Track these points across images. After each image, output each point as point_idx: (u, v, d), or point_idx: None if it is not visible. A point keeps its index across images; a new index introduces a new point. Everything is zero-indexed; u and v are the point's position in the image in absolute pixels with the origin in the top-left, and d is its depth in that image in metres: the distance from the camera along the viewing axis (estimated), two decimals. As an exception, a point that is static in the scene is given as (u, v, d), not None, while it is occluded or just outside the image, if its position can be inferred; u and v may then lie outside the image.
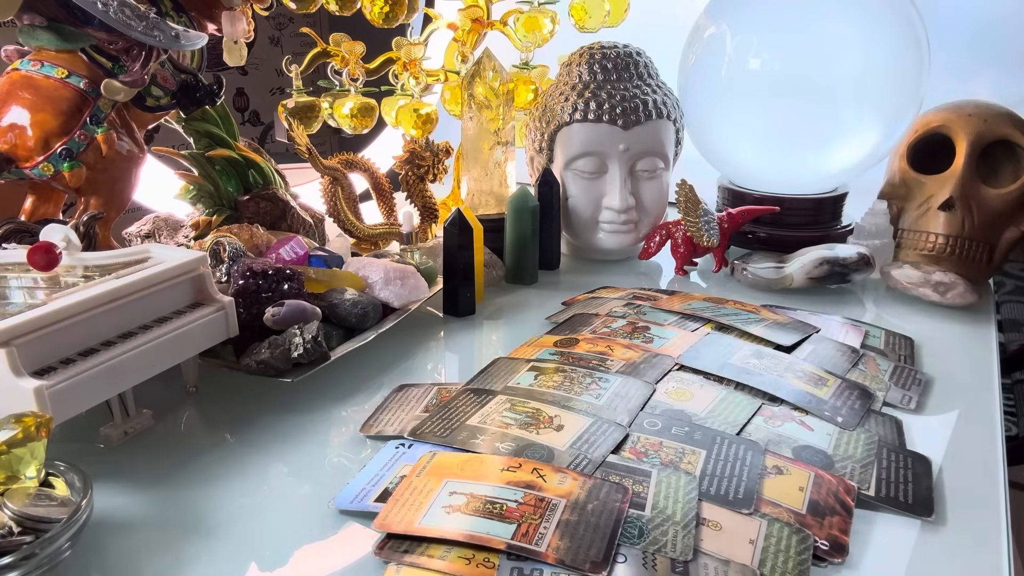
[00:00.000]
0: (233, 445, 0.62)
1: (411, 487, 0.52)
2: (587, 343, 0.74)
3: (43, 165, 0.75)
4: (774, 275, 0.93)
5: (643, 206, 1.01)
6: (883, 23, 0.95)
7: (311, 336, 0.66)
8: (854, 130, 0.98)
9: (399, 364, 0.76)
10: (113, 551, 0.50)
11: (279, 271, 0.71)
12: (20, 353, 0.50)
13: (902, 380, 0.70)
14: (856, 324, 0.81)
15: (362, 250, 1.00)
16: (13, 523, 0.44)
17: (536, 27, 1.14)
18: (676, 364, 0.70)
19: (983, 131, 0.92)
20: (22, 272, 0.60)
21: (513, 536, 0.47)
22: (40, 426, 0.47)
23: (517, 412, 0.62)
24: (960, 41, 1.19)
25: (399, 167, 1.02)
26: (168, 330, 0.60)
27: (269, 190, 0.93)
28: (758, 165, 1.05)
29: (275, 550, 0.49)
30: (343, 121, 1.09)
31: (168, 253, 0.65)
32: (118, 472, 0.58)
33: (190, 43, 0.79)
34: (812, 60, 0.95)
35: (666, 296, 0.89)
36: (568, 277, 1.02)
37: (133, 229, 0.92)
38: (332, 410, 0.67)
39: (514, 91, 1.09)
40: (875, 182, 1.04)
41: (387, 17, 1.03)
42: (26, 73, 0.76)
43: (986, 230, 0.92)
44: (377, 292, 0.79)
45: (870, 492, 0.53)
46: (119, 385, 0.57)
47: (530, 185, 1.04)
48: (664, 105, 0.99)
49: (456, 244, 0.84)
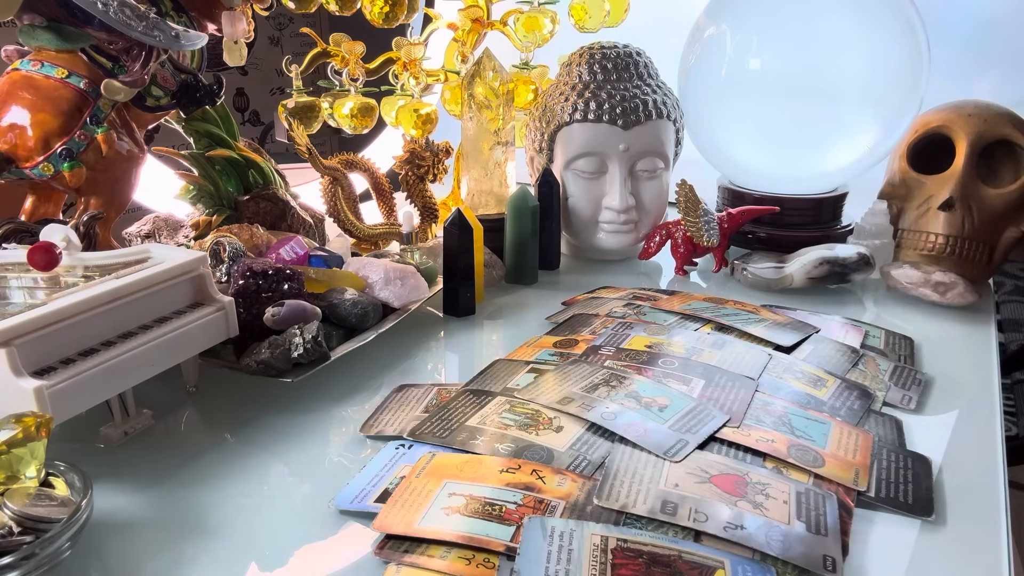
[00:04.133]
0: (233, 445, 0.62)
1: (410, 488, 0.52)
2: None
3: (43, 165, 0.75)
4: (774, 275, 0.93)
5: (643, 206, 1.01)
6: (883, 23, 0.95)
7: (311, 336, 0.66)
8: (854, 130, 0.98)
9: (399, 364, 0.76)
10: (113, 551, 0.50)
11: (279, 271, 0.71)
12: (20, 353, 0.50)
13: (902, 380, 0.70)
14: (856, 324, 0.81)
15: (362, 250, 1.00)
16: (13, 523, 0.44)
17: (536, 27, 1.14)
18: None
19: (983, 131, 0.92)
20: (22, 272, 0.60)
21: (512, 538, 0.47)
22: (40, 426, 0.47)
23: (516, 413, 0.62)
24: (960, 41, 1.19)
25: (399, 167, 1.02)
26: (168, 330, 0.60)
27: (269, 190, 0.93)
28: (758, 165, 1.05)
29: (275, 550, 0.49)
30: (343, 121, 1.09)
31: (168, 253, 0.65)
32: (118, 472, 0.58)
33: (190, 43, 0.79)
34: (812, 60, 0.95)
35: (666, 296, 0.89)
36: (568, 277, 1.02)
37: (133, 229, 0.92)
38: (332, 410, 0.67)
39: (514, 91, 1.09)
40: (875, 182, 1.04)
41: (387, 17, 1.03)
42: (26, 73, 0.76)
43: (986, 230, 0.92)
44: (377, 292, 0.79)
45: (870, 492, 0.53)
46: (119, 385, 0.57)
47: (530, 185, 1.04)
48: (664, 105, 0.99)
49: (456, 244, 0.84)
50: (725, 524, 0.48)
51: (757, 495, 0.51)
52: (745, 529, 0.48)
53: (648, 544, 0.46)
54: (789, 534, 0.48)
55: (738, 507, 0.50)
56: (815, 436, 0.59)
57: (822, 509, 0.50)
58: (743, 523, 0.48)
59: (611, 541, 0.46)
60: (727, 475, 0.53)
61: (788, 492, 0.52)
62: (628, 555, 0.45)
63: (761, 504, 0.50)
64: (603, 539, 0.47)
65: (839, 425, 0.61)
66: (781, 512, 0.50)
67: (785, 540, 0.47)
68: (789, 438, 0.58)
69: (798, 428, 0.60)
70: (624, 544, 0.46)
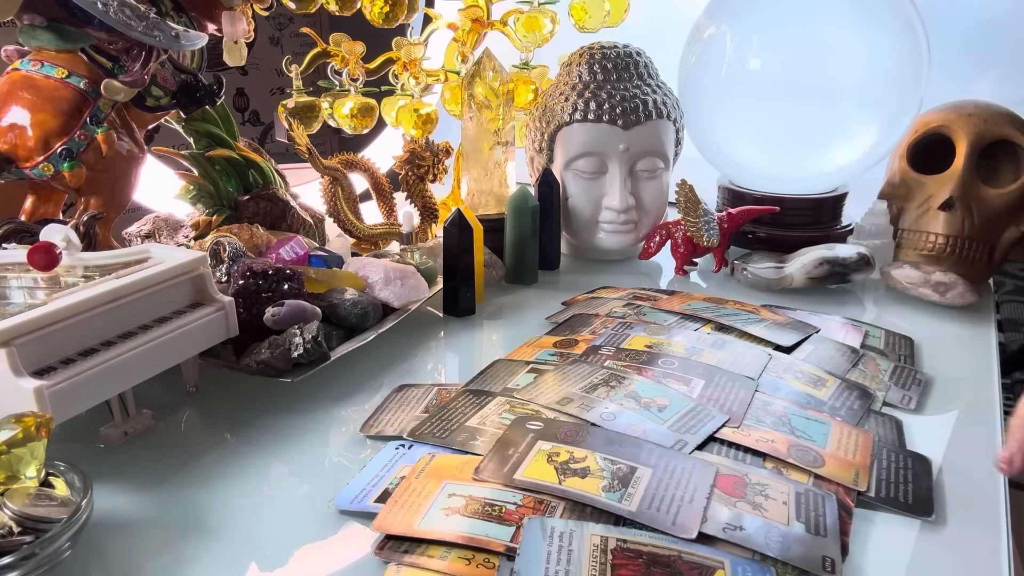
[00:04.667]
0: (233, 445, 0.62)
1: (410, 488, 0.52)
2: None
3: (43, 165, 0.75)
4: (774, 275, 0.93)
5: (643, 206, 1.01)
6: (883, 23, 0.95)
7: (311, 336, 0.66)
8: (854, 130, 0.98)
9: (399, 364, 0.76)
10: (113, 551, 0.50)
11: (279, 271, 0.71)
12: (20, 353, 0.50)
13: (902, 380, 0.70)
14: (856, 324, 0.81)
15: (362, 250, 1.00)
16: (13, 523, 0.44)
17: (536, 27, 1.14)
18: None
19: (983, 131, 0.92)
20: (22, 272, 0.60)
21: (512, 538, 0.47)
22: (40, 426, 0.47)
23: (516, 413, 0.62)
24: (960, 41, 1.19)
25: (399, 167, 1.02)
26: (168, 330, 0.60)
27: (269, 190, 0.93)
28: (758, 165, 1.05)
29: (275, 550, 0.49)
30: (343, 121, 1.09)
31: (168, 253, 0.65)
32: (118, 472, 0.58)
33: (190, 43, 0.79)
34: (812, 60, 0.95)
35: (666, 296, 0.89)
36: (568, 277, 1.02)
37: (133, 229, 0.92)
38: (332, 410, 0.67)
39: (514, 91, 1.09)
40: (875, 182, 1.04)
41: (387, 17, 1.03)
42: (26, 73, 0.76)
43: (986, 230, 0.92)
44: (377, 292, 0.80)
45: (870, 492, 0.53)
46: (119, 385, 0.57)
47: (530, 185, 1.04)
48: (664, 105, 0.99)
49: (456, 244, 0.84)
50: (724, 525, 0.48)
51: (756, 496, 0.51)
52: (744, 530, 0.48)
53: (648, 544, 0.46)
54: (788, 535, 0.48)
55: (737, 508, 0.50)
56: (815, 436, 0.59)
57: (821, 510, 0.50)
58: (742, 524, 0.48)
59: (611, 541, 0.46)
60: (727, 476, 0.53)
61: (787, 493, 0.52)
62: (628, 555, 0.45)
63: (760, 505, 0.50)
64: (603, 539, 0.47)
65: (839, 425, 0.61)
66: (780, 513, 0.50)
67: (784, 541, 0.47)
68: (789, 438, 0.58)
69: (798, 428, 0.60)
70: (624, 544, 0.46)
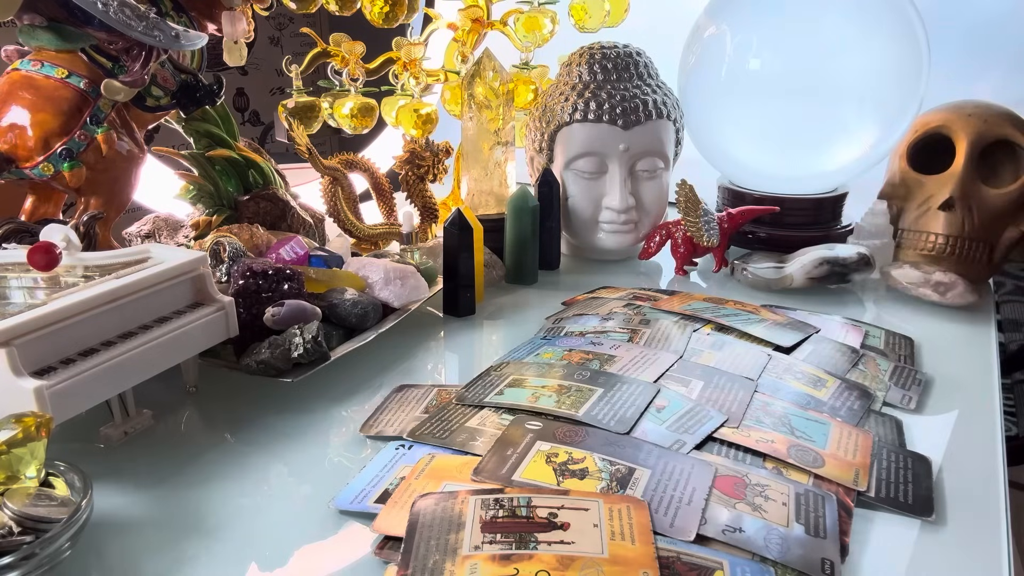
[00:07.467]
0: (233, 445, 0.62)
1: (410, 489, 0.52)
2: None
3: (43, 165, 0.75)
4: (774, 275, 0.93)
5: (643, 206, 1.01)
6: (883, 23, 0.95)
7: (311, 336, 0.66)
8: (854, 130, 0.98)
9: (399, 364, 0.76)
10: (113, 551, 0.50)
11: (279, 271, 0.71)
12: (20, 353, 0.50)
13: (902, 380, 0.70)
14: (856, 324, 0.81)
15: (362, 250, 1.00)
16: (13, 523, 0.44)
17: (536, 27, 1.14)
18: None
19: (983, 131, 0.92)
20: (22, 272, 0.60)
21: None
22: (40, 426, 0.47)
23: (515, 414, 0.61)
24: (960, 41, 1.19)
25: (399, 167, 1.02)
26: (168, 330, 0.60)
27: (269, 190, 0.93)
28: (758, 165, 1.05)
29: (275, 550, 0.49)
30: (343, 121, 1.09)
31: (168, 253, 0.65)
32: (118, 472, 0.58)
33: (190, 43, 0.79)
34: (812, 60, 0.95)
35: (666, 296, 0.89)
36: (568, 277, 1.02)
37: (133, 229, 0.92)
38: (332, 410, 0.67)
39: (514, 91, 1.09)
40: (875, 182, 1.04)
41: (387, 17, 1.03)
42: (26, 73, 0.76)
43: (986, 230, 0.92)
44: (377, 292, 0.80)
45: (870, 492, 0.53)
46: (119, 385, 0.57)
47: (530, 185, 1.04)
48: (664, 105, 0.99)
49: (456, 244, 0.84)
50: (724, 527, 0.48)
51: (756, 497, 0.51)
52: (744, 532, 0.48)
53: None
54: (788, 537, 0.48)
55: (737, 509, 0.50)
56: (815, 436, 0.59)
57: (821, 511, 0.50)
58: (741, 525, 0.48)
59: (611, 541, 0.46)
60: (727, 476, 0.53)
61: (787, 494, 0.52)
62: (628, 555, 0.45)
63: (760, 506, 0.50)
64: (603, 539, 0.47)
65: (839, 425, 0.61)
66: (780, 514, 0.50)
67: (783, 543, 0.47)
68: (789, 438, 0.58)
69: (798, 428, 0.60)
70: (624, 544, 0.46)
